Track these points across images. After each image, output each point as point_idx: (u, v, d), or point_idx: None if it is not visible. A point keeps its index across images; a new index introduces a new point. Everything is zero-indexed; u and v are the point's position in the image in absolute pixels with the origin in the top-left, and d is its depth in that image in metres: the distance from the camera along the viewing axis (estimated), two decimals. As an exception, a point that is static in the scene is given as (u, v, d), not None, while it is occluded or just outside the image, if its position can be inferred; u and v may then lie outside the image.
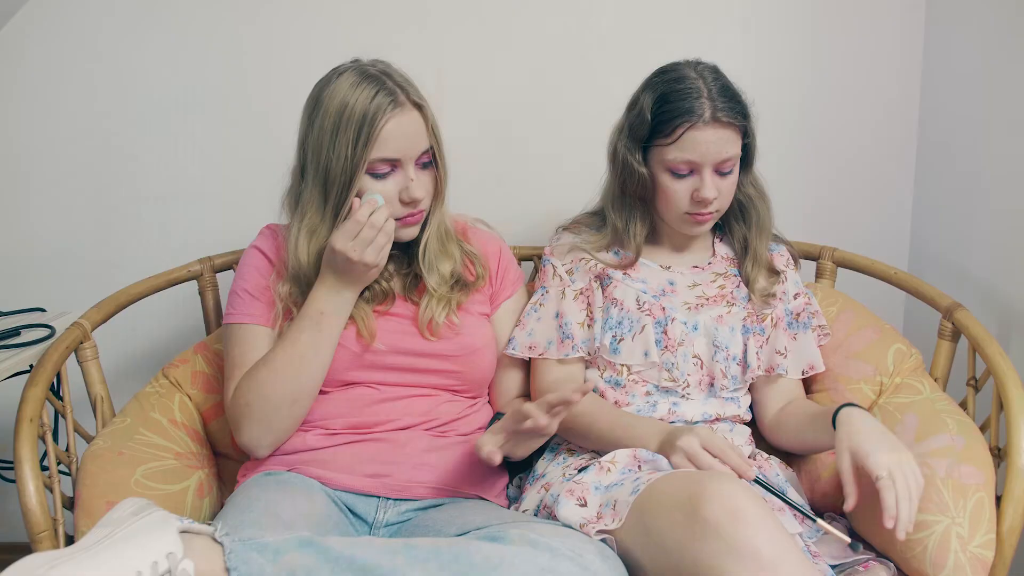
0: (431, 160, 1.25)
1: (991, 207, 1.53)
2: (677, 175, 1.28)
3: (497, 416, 1.23)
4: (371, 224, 1.16)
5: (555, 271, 1.40)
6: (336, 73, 1.24)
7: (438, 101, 1.28)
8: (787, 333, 1.37)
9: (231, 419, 1.26)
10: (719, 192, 1.28)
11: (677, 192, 1.29)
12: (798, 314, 1.38)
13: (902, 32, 1.72)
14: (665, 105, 1.27)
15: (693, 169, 1.27)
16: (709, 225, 1.33)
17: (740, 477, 1.13)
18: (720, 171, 1.28)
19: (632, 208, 1.36)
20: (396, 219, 1.23)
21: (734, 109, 1.26)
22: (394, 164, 1.21)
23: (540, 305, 1.39)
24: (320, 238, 1.23)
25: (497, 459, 1.12)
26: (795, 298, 1.40)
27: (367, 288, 1.27)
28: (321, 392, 1.26)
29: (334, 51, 1.60)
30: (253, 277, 1.29)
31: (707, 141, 1.25)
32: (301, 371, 1.21)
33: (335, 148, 1.19)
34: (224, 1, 1.67)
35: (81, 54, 1.68)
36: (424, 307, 1.29)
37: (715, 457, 1.14)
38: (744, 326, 1.35)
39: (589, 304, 1.37)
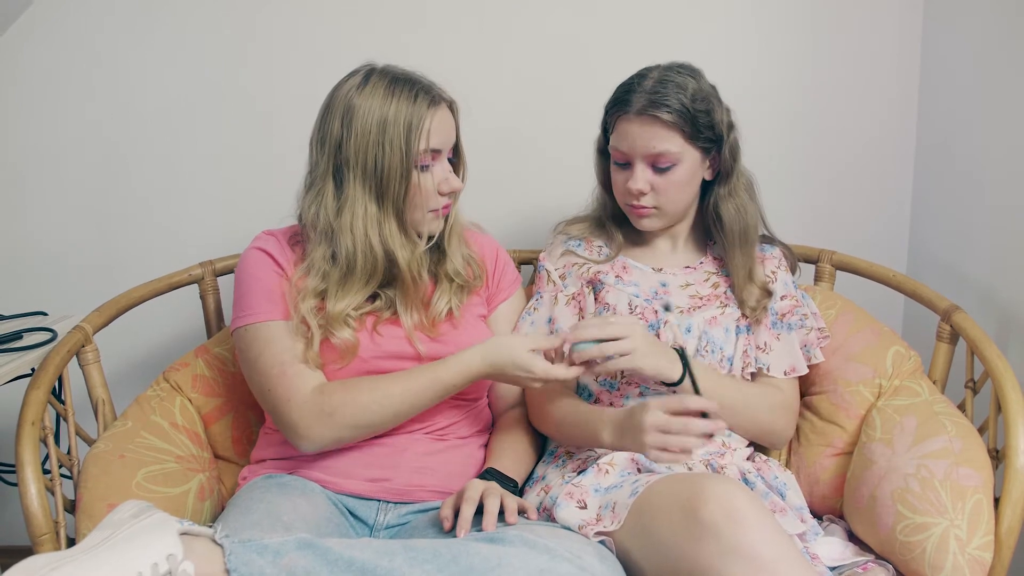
0: (454, 155, 1.30)
1: (990, 209, 1.53)
2: (617, 164, 1.34)
3: (487, 473, 1.23)
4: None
5: (549, 276, 1.42)
6: (362, 77, 1.25)
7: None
8: (771, 332, 1.37)
9: (309, 414, 1.19)
10: (654, 187, 1.31)
11: (616, 182, 1.35)
12: (783, 315, 1.38)
13: (900, 34, 1.72)
14: (613, 97, 1.34)
15: (628, 161, 1.32)
16: (652, 222, 1.35)
17: (704, 411, 1.14)
18: (656, 166, 1.30)
19: (604, 195, 1.43)
20: (432, 211, 1.26)
21: (668, 107, 1.27)
22: (435, 156, 1.25)
23: (535, 309, 1.41)
24: (386, 230, 1.23)
25: None
26: (781, 299, 1.39)
27: (377, 298, 1.27)
28: None
29: (335, 53, 1.61)
30: (264, 276, 1.26)
31: (634, 133, 1.29)
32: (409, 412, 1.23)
33: (385, 148, 1.21)
34: (224, 3, 1.68)
35: (79, 55, 1.69)
36: (437, 297, 1.30)
37: (680, 415, 1.14)
38: (738, 327, 1.35)
39: (581, 309, 1.38)
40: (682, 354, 1.22)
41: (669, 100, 1.27)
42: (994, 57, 1.51)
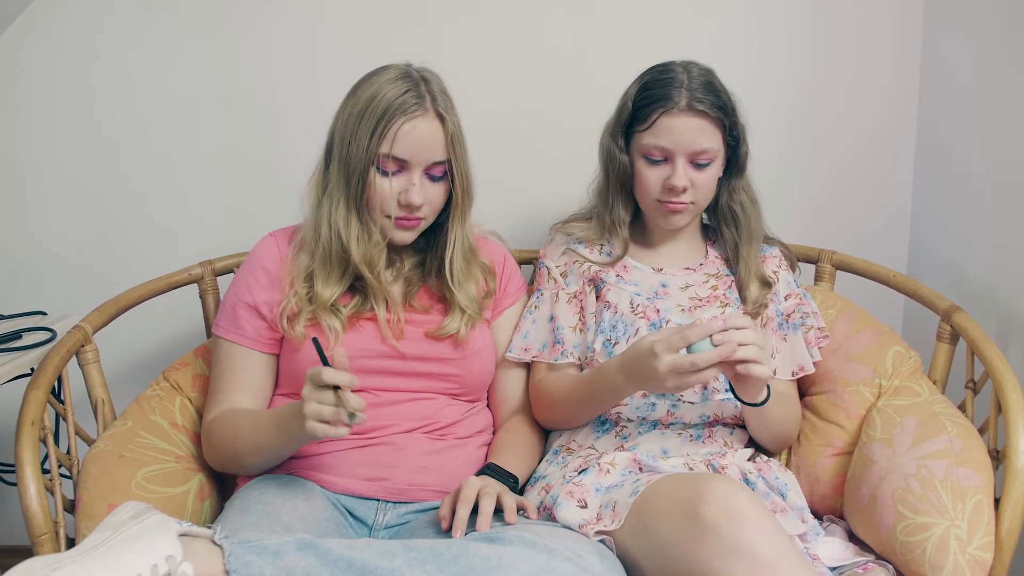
0: (444, 174, 1.25)
1: (990, 209, 1.53)
2: (651, 161, 1.31)
3: (485, 470, 1.23)
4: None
5: (549, 274, 1.42)
6: (383, 67, 1.26)
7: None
8: (777, 335, 1.37)
9: (203, 440, 1.30)
10: (692, 184, 1.30)
11: (650, 178, 1.31)
12: (788, 315, 1.39)
13: (900, 34, 1.72)
14: (645, 92, 1.30)
15: (667, 157, 1.30)
16: (684, 218, 1.34)
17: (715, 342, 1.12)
18: (695, 162, 1.29)
19: (616, 195, 1.38)
20: (389, 217, 1.24)
21: (712, 102, 1.27)
22: (402, 165, 1.22)
23: (535, 308, 1.40)
24: (351, 222, 1.23)
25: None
26: (786, 299, 1.40)
27: (357, 292, 1.27)
28: None
29: (335, 53, 1.61)
30: (245, 294, 1.28)
31: (680, 128, 1.27)
32: (264, 460, 1.23)
33: (356, 136, 1.20)
34: (224, 3, 1.68)
35: (79, 55, 1.68)
36: (448, 321, 1.29)
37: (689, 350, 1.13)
38: None
39: (582, 308, 1.37)
40: (316, 344, 1.13)
41: (714, 97, 1.27)
42: (994, 57, 1.51)
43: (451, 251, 1.30)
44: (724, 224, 1.41)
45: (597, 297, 1.37)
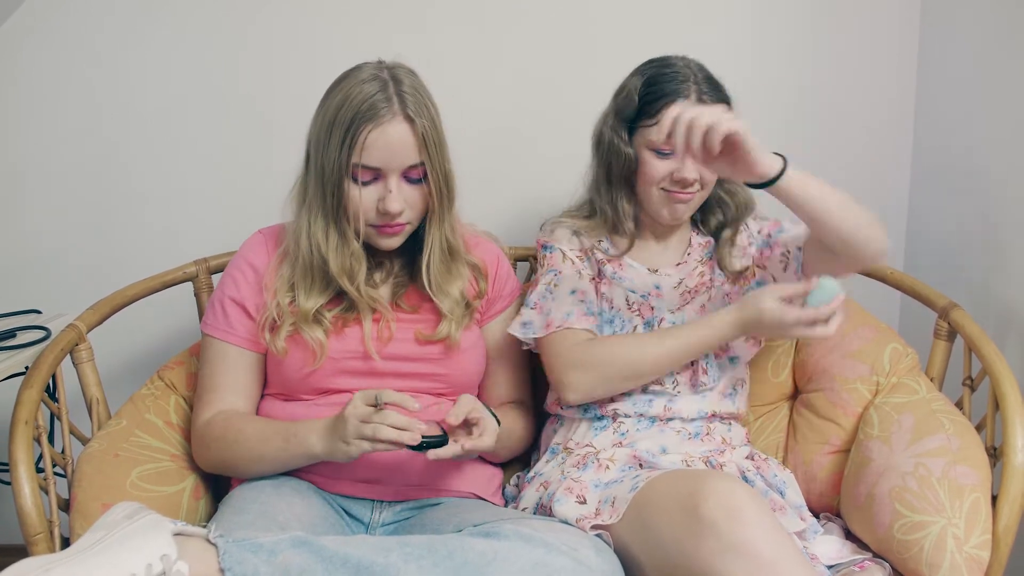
0: (422, 176, 1.21)
1: (987, 207, 1.53)
2: (661, 154, 1.29)
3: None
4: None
5: (565, 255, 1.37)
6: (355, 68, 1.22)
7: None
8: (774, 249, 1.37)
9: (194, 440, 1.28)
10: (699, 175, 1.29)
11: (658, 169, 1.29)
12: (768, 233, 1.38)
13: (898, 33, 1.72)
14: (652, 87, 1.29)
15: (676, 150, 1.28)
16: (687, 209, 1.33)
17: None
18: None
19: (619, 189, 1.35)
20: (372, 226, 1.22)
21: (719, 96, 1.27)
22: (377, 173, 1.18)
23: (555, 286, 1.34)
24: (331, 235, 1.21)
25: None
26: (759, 233, 1.40)
27: (344, 296, 1.26)
28: (302, 400, 1.26)
29: (334, 53, 1.60)
30: (234, 291, 1.28)
31: None
32: (263, 469, 1.23)
33: (328, 146, 1.18)
34: (224, 3, 1.68)
35: (79, 55, 1.68)
36: (441, 325, 1.27)
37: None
38: (727, 303, 1.34)
39: (598, 294, 1.36)
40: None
41: (718, 91, 1.27)
42: (991, 57, 1.51)
43: (427, 255, 1.25)
44: (720, 207, 1.40)
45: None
